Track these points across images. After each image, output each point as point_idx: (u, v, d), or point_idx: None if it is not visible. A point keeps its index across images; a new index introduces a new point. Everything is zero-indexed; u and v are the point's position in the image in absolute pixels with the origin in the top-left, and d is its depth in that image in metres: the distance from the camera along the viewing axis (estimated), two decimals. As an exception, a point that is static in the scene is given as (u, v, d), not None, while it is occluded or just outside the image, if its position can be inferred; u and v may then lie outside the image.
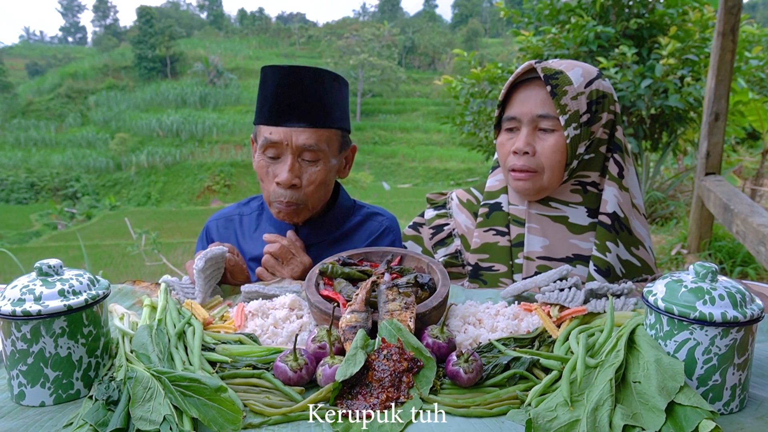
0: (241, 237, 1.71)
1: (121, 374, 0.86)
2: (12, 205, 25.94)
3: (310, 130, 1.47)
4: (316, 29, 65.29)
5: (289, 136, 1.46)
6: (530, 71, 1.42)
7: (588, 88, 1.39)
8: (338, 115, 1.53)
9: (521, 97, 1.42)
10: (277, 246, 1.47)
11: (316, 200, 1.54)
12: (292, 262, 1.48)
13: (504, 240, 1.51)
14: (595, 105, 1.40)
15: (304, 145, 1.46)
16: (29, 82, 49.91)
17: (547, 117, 1.38)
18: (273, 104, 1.47)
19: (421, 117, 38.74)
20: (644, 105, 5.70)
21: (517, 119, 1.43)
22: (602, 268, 1.41)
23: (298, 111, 1.46)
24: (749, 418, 0.83)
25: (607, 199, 1.43)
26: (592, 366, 0.86)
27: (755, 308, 0.83)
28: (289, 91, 1.46)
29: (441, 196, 1.73)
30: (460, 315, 1.12)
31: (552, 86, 1.36)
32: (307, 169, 1.49)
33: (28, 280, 0.89)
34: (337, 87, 1.54)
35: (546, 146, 1.39)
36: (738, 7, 4.39)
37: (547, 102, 1.38)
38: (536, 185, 1.43)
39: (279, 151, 1.48)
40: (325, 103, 1.49)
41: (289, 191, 1.49)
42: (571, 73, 1.38)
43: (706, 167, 4.74)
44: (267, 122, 1.48)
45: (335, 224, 1.66)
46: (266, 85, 1.50)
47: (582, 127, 1.39)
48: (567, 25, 6.07)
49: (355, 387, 0.87)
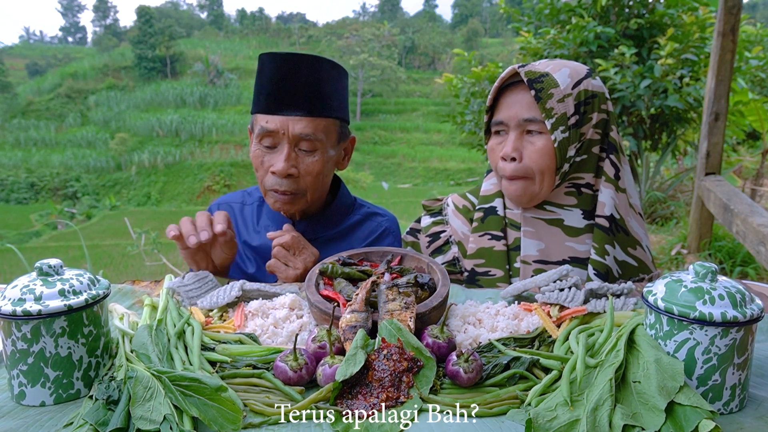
0: (243, 225, 1.69)
1: (122, 374, 0.86)
2: (12, 205, 25.95)
3: (307, 119, 1.44)
4: (316, 29, 65.31)
5: (285, 125, 1.43)
6: (516, 75, 1.40)
7: (576, 89, 1.37)
8: (336, 105, 1.50)
9: (507, 101, 1.41)
10: (288, 237, 1.44)
11: (314, 191, 1.51)
12: (305, 252, 1.45)
13: (500, 244, 1.50)
14: (584, 106, 1.38)
15: (301, 134, 1.43)
16: (29, 82, 49.92)
17: (533, 121, 1.36)
18: (270, 92, 1.44)
19: (421, 117, 38.75)
20: (644, 105, 5.70)
21: (504, 123, 1.41)
22: (602, 271, 1.40)
23: (295, 99, 1.42)
24: (749, 417, 0.83)
25: (604, 202, 1.42)
26: (592, 366, 0.86)
27: (755, 308, 0.83)
28: (287, 79, 1.43)
29: (436, 202, 1.71)
30: (460, 315, 1.12)
31: (536, 90, 1.34)
32: (303, 159, 1.46)
33: (29, 280, 0.89)
34: (336, 76, 1.50)
35: (533, 150, 1.37)
36: (738, 7, 4.39)
37: (533, 106, 1.36)
38: (528, 192, 1.41)
39: (275, 140, 1.45)
40: (324, 91, 1.46)
41: (286, 180, 1.46)
42: (557, 74, 1.36)
43: (706, 167, 4.74)
44: (263, 111, 1.45)
45: (334, 221, 1.64)
46: (263, 72, 1.47)
47: (570, 130, 1.36)
48: (567, 25, 6.07)
49: (355, 387, 0.87)
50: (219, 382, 0.81)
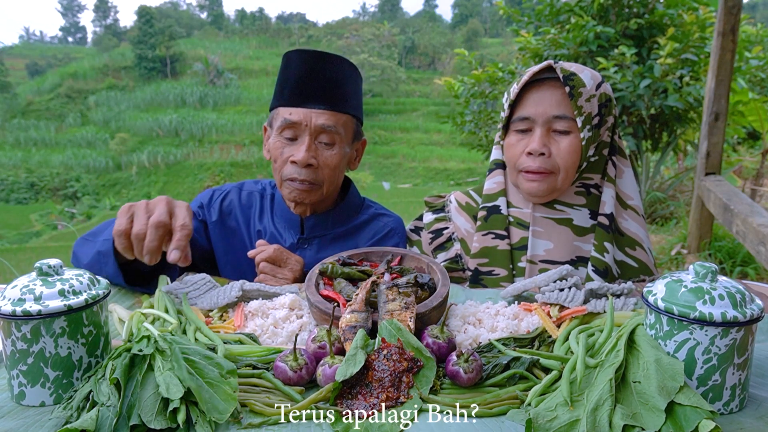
0: (257, 214, 1.70)
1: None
2: (12, 205, 25.94)
3: (329, 112, 1.50)
4: (316, 29, 65.31)
5: (308, 117, 1.49)
6: (544, 72, 1.40)
7: (598, 91, 1.39)
8: (354, 104, 1.58)
9: (535, 98, 1.40)
10: (270, 249, 1.46)
11: (329, 184, 1.56)
12: (289, 261, 1.48)
13: (503, 243, 1.50)
14: (604, 108, 1.41)
15: (323, 125, 1.49)
16: (29, 82, 49.91)
17: (563, 118, 1.37)
18: (295, 86, 1.50)
19: (421, 117, 38.74)
20: (644, 105, 5.70)
21: (530, 119, 1.41)
22: (600, 268, 1.41)
23: (319, 94, 1.49)
24: (749, 418, 0.83)
25: (605, 201, 1.44)
26: (592, 366, 0.86)
27: (755, 308, 0.83)
28: (312, 74, 1.50)
29: (439, 199, 1.71)
30: (460, 315, 1.12)
31: (570, 87, 1.35)
32: (323, 151, 1.52)
33: (28, 280, 0.89)
34: (356, 76, 1.59)
35: (562, 148, 1.39)
36: (738, 7, 4.39)
37: (563, 103, 1.37)
38: (550, 187, 1.42)
39: (297, 131, 1.51)
40: (345, 89, 1.53)
41: (305, 170, 1.50)
42: (582, 75, 1.38)
43: (706, 167, 4.74)
44: (287, 104, 1.51)
45: (341, 220, 1.66)
46: (289, 68, 1.53)
47: (593, 130, 1.39)
48: (567, 25, 6.07)
49: (355, 387, 0.87)
50: (231, 365, 0.86)
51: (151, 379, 0.82)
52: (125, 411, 0.78)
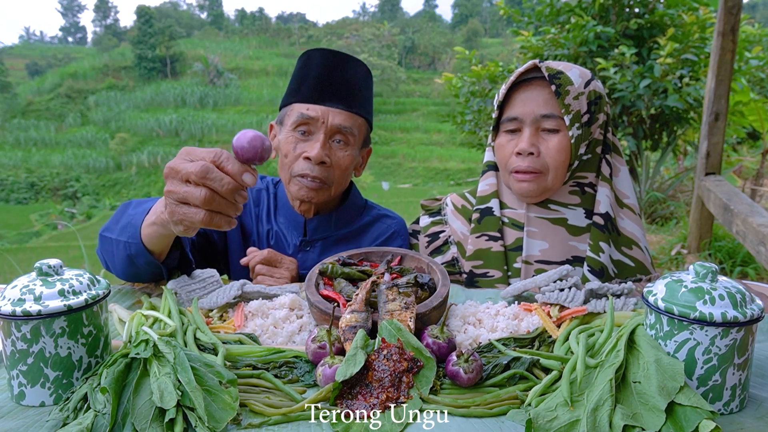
0: (264, 209, 1.70)
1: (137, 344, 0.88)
2: (12, 205, 25.94)
3: (347, 112, 1.50)
4: (316, 29, 65.31)
5: (326, 114, 1.49)
6: (531, 71, 1.41)
7: (587, 89, 1.39)
8: (369, 109, 1.59)
9: (522, 98, 1.41)
10: (264, 252, 1.46)
11: (338, 185, 1.56)
12: (284, 263, 1.48)
13: (497, 245, 1.50)
14: (594, 105, 1.40)
15: (340, 125, 1.49)
16: (29, 82, 49.92)
17: (550, 117, 1.38)
18: (315, 83, 1.50)
19: (421, 117, 38.74)
20: (644, 105, 5.70)
21: (519, 120, 1.41)
22: (596, 268, 1.41)
23: (338, 93, 1.50)
24: (749, 418, 0.83)
25: (600, 200, 1.44)
26: (592, 366, 0.86)
27: (755, 308, 0.83)
28: (332, 73, 1.50)
29: (435, 201, 1.71)
30: (460, 315, 1.12)
31: (556, 85, 1.35)
32: (336, 152, 1.52)
33: (28, 280, 0.89)
34: (371, 82, 1.61)
35: (550, 147, 1.39)
36: (738, 7, 4.39)
37: (550, 101, 1.38)
38: (540, 186, 1.42)
39: (312, 128, 1.50)
40: (363, 93, 1.55)
41: (318, 167, 1.49)
42: (570, 73, 1.38)
43: (706, 167, 4.74)
44: (305, 100, 1.50)
45: (344, 222, 1.66)
46: (309, 66, 1.53)
47: (583, 127, 1.39)
48: (567, 25, 6.07)
49: (355, 387, 0.87)
50: (232, 375, 0.85)
51: (146, 385, 0.81)
52: (120, 419, 0.77)
